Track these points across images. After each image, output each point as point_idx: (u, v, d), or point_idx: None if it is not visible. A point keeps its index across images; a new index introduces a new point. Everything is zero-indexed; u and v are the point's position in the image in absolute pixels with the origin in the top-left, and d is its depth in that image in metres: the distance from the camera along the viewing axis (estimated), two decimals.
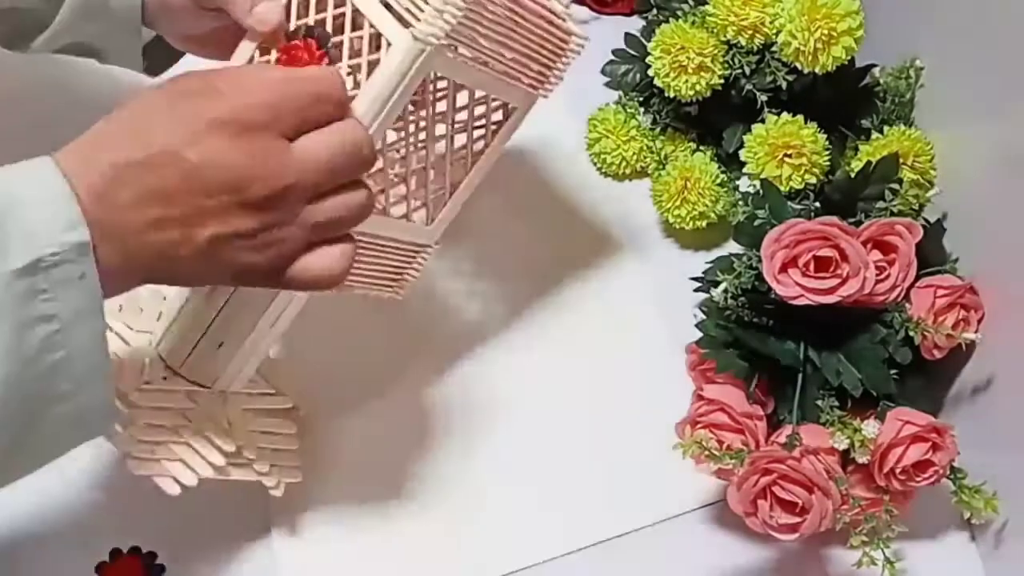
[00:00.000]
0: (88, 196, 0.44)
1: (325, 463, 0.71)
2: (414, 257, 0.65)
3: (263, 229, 0.48)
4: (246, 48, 0.56)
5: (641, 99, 0.85)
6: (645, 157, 0.84)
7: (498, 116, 0.65)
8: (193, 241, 0.47)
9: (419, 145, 0.60)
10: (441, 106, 0.61)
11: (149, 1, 0.61)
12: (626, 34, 0.88)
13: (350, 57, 0.54)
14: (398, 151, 0.61)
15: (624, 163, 0.84)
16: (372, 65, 0.53)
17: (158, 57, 0.64)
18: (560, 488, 0.71)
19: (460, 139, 0.64)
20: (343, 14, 0.54)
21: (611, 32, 0.89)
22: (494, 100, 0.63)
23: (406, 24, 0.53)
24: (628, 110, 0.84)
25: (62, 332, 0.45)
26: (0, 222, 0.43)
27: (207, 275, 0.50)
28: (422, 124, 0.60)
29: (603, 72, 0.89)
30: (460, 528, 0.69)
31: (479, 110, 0.64)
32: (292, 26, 0.55)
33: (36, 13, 0.61)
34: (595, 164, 0.86)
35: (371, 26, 0.53)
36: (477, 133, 0.65)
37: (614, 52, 0.88)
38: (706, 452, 0.62)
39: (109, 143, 0.46)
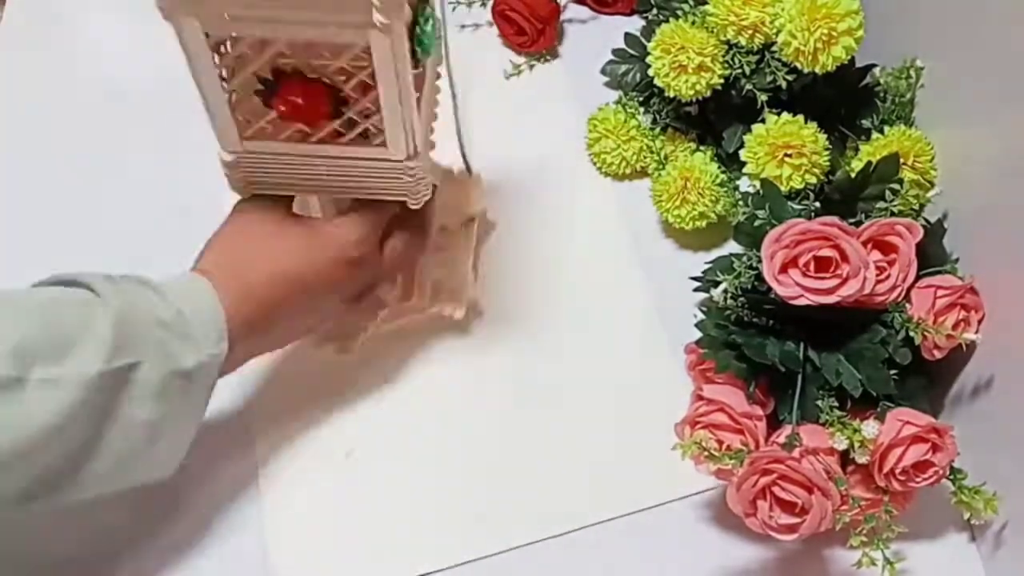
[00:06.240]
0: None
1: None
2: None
3: None
4: None
5: (641, 99, 0.85)
6: (645, 157, 0.84)
7: None
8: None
9: None
10: None
11: None
12: (626, 34, 0.88)
13: None
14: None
15: (624, 163, 0.84)
16: None
17: None
18: (559, 481, 0.71)
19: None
20: None
21: (611, 32, 0.89)
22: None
23: None
24: (628, 110, 0.84)
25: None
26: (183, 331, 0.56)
27: None
28: None
29: (603, 72, 0.89)
30: (457, 507, 0.71)
31: None
32: None
33: None
34: (595, 164, 0.86)
35: None
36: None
37: (614, 52, 0.88)
38: (705, 453, 0.62)
39: None
